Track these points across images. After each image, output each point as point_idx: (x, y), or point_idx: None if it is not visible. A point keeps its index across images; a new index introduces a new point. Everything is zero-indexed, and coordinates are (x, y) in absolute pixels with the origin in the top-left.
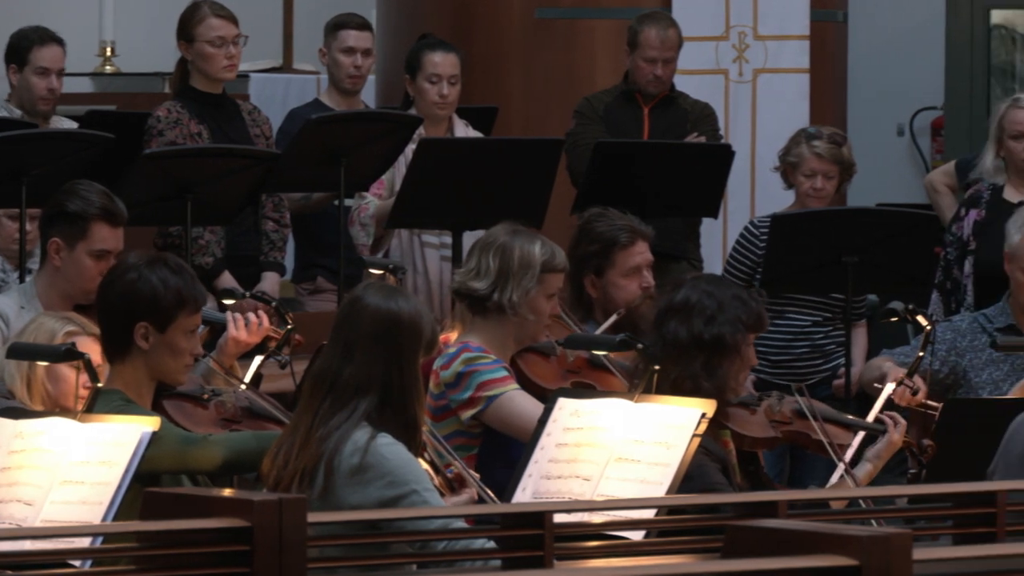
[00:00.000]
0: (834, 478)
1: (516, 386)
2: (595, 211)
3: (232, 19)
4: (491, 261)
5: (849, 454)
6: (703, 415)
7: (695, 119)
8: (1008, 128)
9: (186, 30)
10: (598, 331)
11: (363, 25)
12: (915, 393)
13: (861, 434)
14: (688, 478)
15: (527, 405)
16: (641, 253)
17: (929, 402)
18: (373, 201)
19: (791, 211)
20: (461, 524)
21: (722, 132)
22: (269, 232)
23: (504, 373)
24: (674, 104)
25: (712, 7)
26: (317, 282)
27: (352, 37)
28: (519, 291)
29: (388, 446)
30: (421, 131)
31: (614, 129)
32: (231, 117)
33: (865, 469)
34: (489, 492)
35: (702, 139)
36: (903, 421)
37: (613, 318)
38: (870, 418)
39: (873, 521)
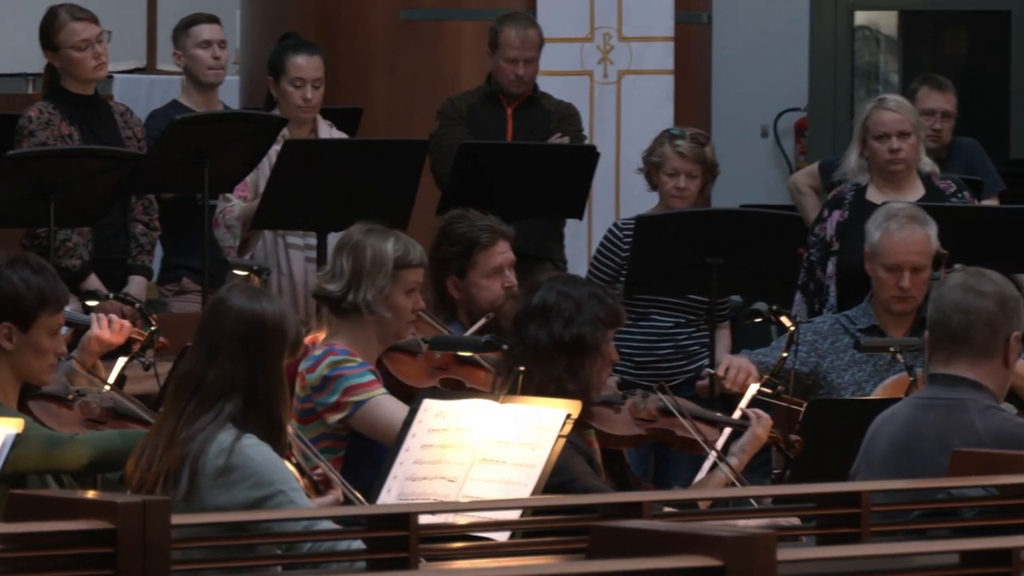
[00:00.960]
0: (703, 470)
1: (383, 391)
2: (455, 213)
3: (92, 19)
4: (344, 262)
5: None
6: (568, 416)
7: (559, 120)
8: (872, 129)
9: (48, 39)
10: (468, 332)
11: (212, 19)
12: (777, 392)
13: (727, 431)
14: (555, 471)
15: (394, 410)
16: (502, 253)
17: (794, 398)
18: (238, 203)
19: (655, 212)
20: (328, 525)
21: (586, 133)
22: (138, 235)
23: (371, 377)
24: (537, 105)
25: (576, 8)
26: (182, 283)
27: (206, 30)
28: (373, 290)
29: (254, 447)
30: (285, 132)
31: (478, 130)
32: (103, 118)
33: (731, 463)
34: (356, 493)
35: (565, 140)
36: (767, 416)
37: (483, 320)
38: (735, 416)
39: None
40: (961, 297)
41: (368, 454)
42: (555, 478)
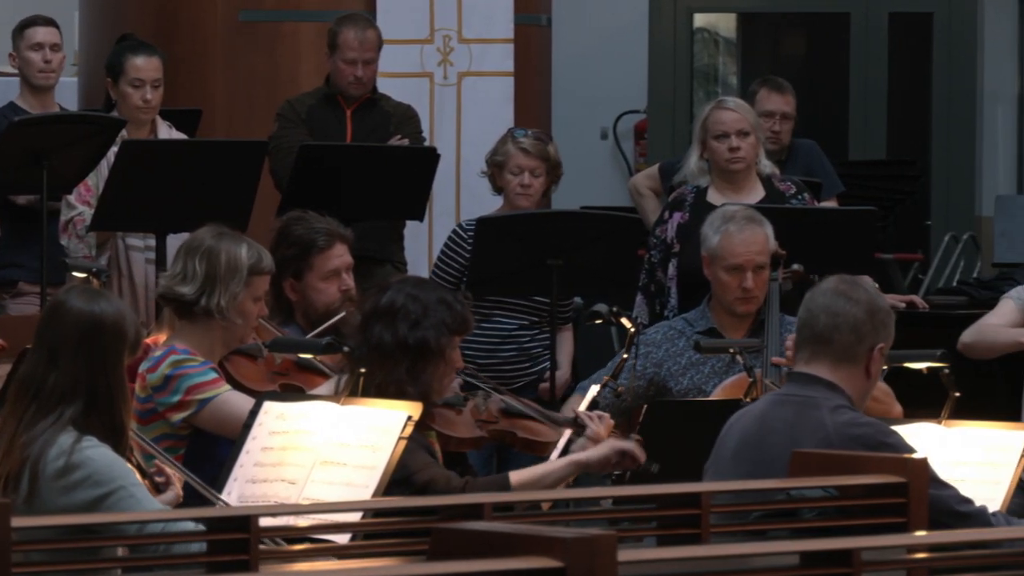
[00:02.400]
0: (555, 453)
1: (228, 387)
2: (293, 214)
3: None
4: (197, 265)
5: (556, 452)
6: (409, 418)
7: (398, 121)
8: (711, 128)
9: None
10: (311, 336)
11: (49, 22)
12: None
13: (568, 431)
14: (396, 468)
15: (244, 404)
16: (340, 256)
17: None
18: (86, 211)
19: (496, 214)
20: (167, 527)
21: (426, 135)
22: None
23: (214, 375)
24: (377, 106)
25: (416, 10)
26: (18, 286)
27: (40, 33)
28: (227, 295)
29: (93, 447)
30: (124, 133)
31: (317, 132)
32: None
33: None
34: (210, 489)
35: (405, 141)
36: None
37: (331, 322)
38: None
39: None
40: (831, 300)
41: (209, 452)
42: (396, 474)
